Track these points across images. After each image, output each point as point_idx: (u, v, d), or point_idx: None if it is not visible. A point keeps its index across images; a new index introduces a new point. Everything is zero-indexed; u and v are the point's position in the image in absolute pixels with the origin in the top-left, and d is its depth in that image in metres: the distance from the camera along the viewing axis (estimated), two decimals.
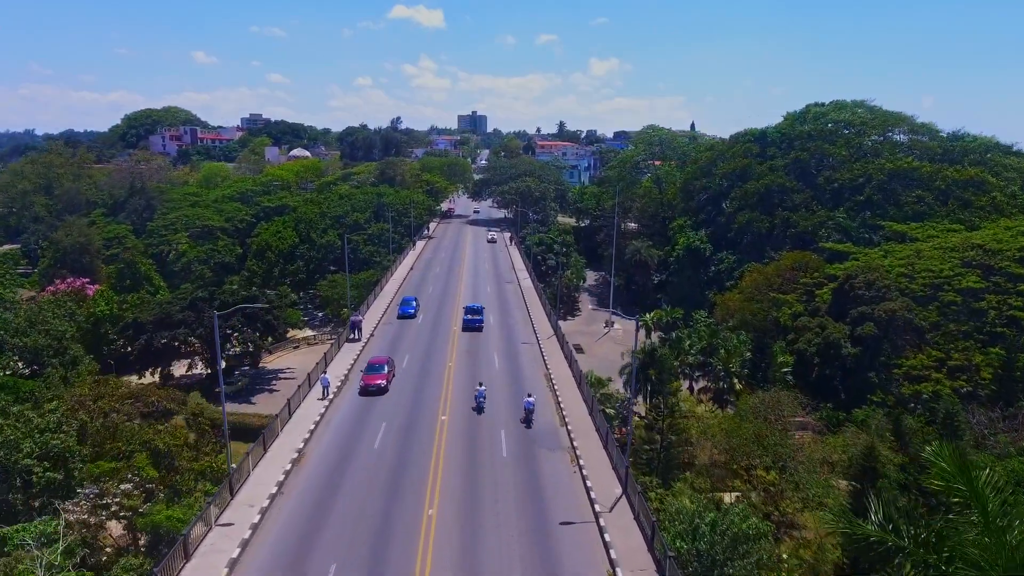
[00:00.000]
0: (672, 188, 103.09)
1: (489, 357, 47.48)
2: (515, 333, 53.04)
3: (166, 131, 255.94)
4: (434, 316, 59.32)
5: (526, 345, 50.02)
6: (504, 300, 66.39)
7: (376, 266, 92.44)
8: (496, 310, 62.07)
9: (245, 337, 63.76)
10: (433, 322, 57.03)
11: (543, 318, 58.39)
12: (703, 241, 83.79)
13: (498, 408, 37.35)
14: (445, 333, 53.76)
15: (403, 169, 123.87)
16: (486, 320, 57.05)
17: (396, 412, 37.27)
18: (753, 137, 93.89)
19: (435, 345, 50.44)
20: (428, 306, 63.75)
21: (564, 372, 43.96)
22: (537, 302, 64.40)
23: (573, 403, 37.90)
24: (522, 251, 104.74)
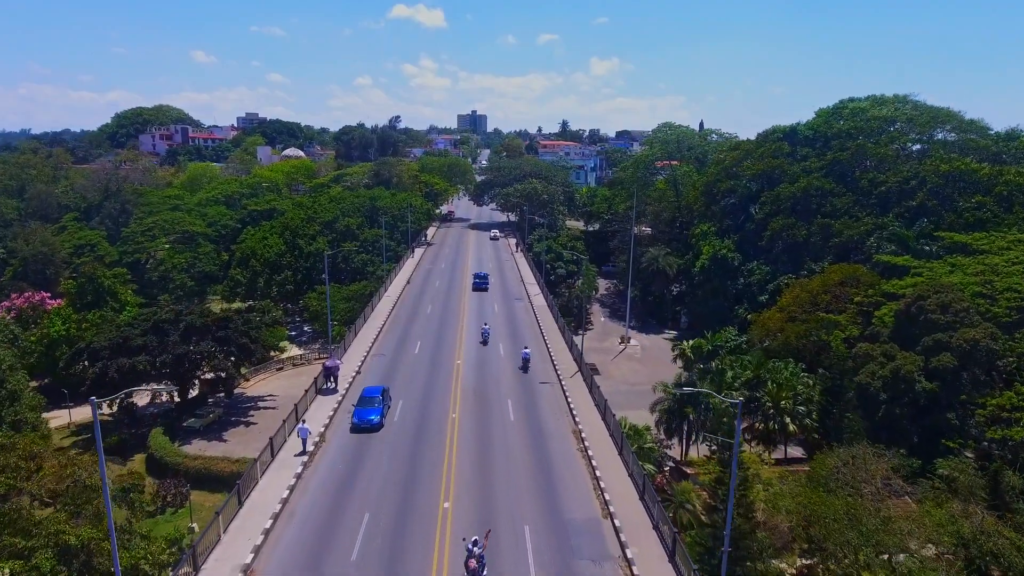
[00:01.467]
0: (692, 191, 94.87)
1: (502, 404, 38.60)
2: (530, 367, 44.54)
3: (156, 130, 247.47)
4: (433, 348, 50.58)
5: (546, 386, 41.69)
6: (515, 323, 57.76)
7: (370, 277, 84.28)
8: (506, 335, 53.59)
9: (217, 365, 55.48)
10: (432, 357, 48.34)
11: (563, 349, 50.06)
12: (730, 250, 75.60)
13: (518, 497, 28.01)
14: (447, 371, 45.05)
15: (400, 170, 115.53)
16: (496, 351, 48.86)
17: (383, 497, 28.35)
18: (782, 135, 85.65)
19: (435, 386, 41.89)
20: (427, 332, 55.12)
21: (597, 426, 35.20)
22: (554, 326, 55.96)
23: (615, 478, 29.07)
24: (529, 258, 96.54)
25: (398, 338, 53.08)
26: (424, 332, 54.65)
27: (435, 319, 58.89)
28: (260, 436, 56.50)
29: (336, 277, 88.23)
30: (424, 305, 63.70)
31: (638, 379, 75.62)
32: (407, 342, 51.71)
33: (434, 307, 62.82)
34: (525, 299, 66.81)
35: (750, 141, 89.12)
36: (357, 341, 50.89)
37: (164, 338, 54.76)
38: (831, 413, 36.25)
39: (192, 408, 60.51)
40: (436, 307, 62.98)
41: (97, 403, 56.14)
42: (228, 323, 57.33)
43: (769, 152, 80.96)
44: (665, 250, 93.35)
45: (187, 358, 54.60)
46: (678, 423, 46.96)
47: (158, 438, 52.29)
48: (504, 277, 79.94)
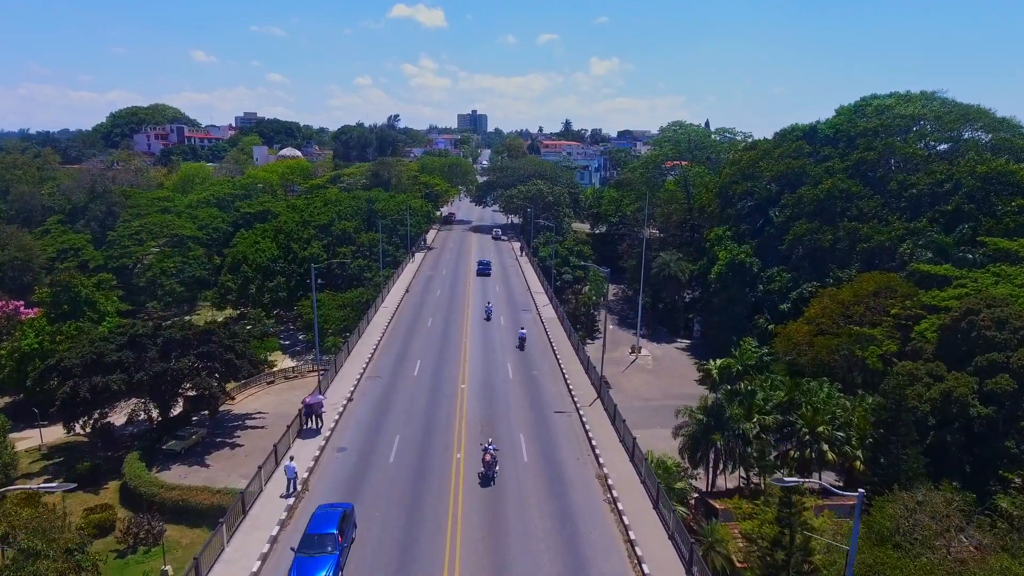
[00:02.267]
0: (705, 193, 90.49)
1: (513, 441, 33.58)
2: (544, 393, 39.58)
3: (151, 130, 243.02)
4: (434, 369, 45.70)
5: (562, 417, 36.80)
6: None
7: (367, 283, 79.87)
8: (514, 356, 48.97)
9: (199, 384, 50.97)
10: (433, 380, 43.62)
11: (578, 370, 45.26)
12: (749, 255, 71.15)
13: (536, 565, 23.42)
14: (449, 398, 39.96)
15: (399, 170, 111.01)
16: (504, 371, 44.47)
17: (376, 564, 23.80)
18: (801, 134, 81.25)
19: (436, 418, 37.20)
20: (427, 349, 50.47)
21: (624, 470, 30.14)
22: (566, 342, 51.34)
23: (652, 541, 24.17)
24: (534, 263, 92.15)
25: (395, 356, 48.75)
26: (424, 349, 50.07)
27: (436, 334, 54.34)
28: (246, 460, 52.05)
29: (331, 284, 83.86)
30: (424, 317, 59.12)
31: (652, 393, 71.23)
32: (405, 361, 47.32)
33: (435, 320, 58.23)
34: (533, 310, 62.27)
35: (767, 141, 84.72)
36: (350, 360, 46.26)
37: (141, 354, 50.30)
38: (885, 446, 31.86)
39: (175, 427, 56.00)
40: (437, 320, 58.39)
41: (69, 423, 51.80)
42: (211, 337, 52.86)
43: (789, 152, 76.53)
44: (677, 255, 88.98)
45: (166, 376, 50.12)
46: (704, 450, 42.53)
47: (133, 464, 47.78)
48: (509, 285, 75.40)
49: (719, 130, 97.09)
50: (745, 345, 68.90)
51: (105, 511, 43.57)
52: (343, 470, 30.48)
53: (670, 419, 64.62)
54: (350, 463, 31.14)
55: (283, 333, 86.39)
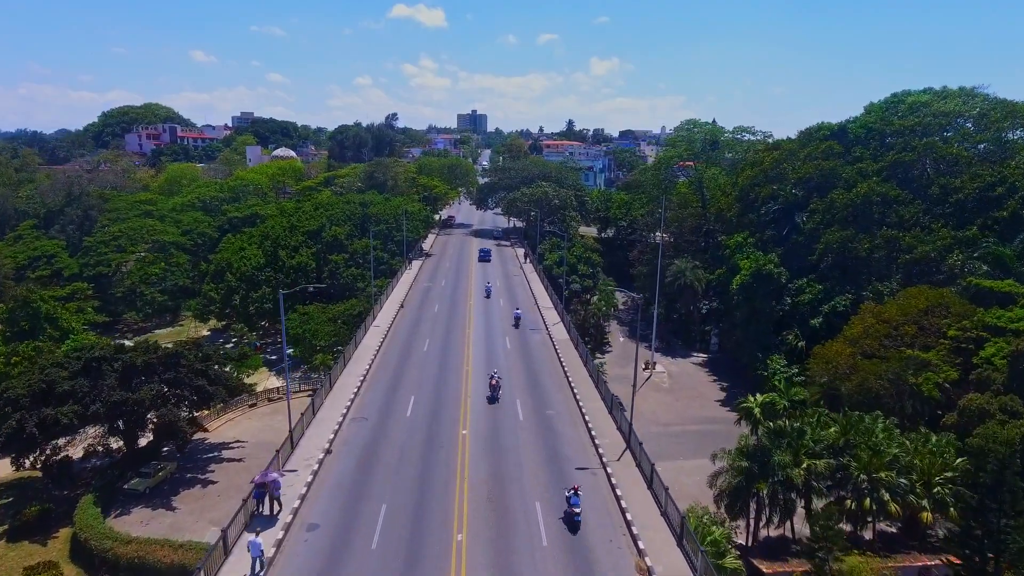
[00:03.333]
0: (722, 196, 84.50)
1: (528, 514, 26.80)
2: (562, 442, 32.92)
3: (143, 129, 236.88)
4: (431, 407, 39.06)
5: (585, 475, 30.13)
6: (532, 367, 46.68)
7: (360, 294, 73.88)
8: (524, 386, 42.60)
9: (165, 416, 44.90)
10: (430, 423, 36.94)
11: (600, 410, 38.53)
12: (776, 265, 65.13)
13: None
14: (449, 448, 33.34)
15: (396, 171, 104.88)
16: (512, 409, 38.46)
17: None
18: (829, 133, 75.27)
19: (432, 480, 30.44)
20: (423, 380, 43.98)
21: (672, 559, 23.86)
22: (582, 370, 45.00)
23: None
24: (539, 271, 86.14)
25: (386, 390, 42.22)
26: (419, 381, 43.59)
27: (433, 360, 47.92)
28: (218, 501, 46.00)
29: (321, 294, 77.84)
30: (420, 339, 52.75)
31: (670, 417, 65.20)
32: (397, 397, 40.86)
33: (432, 342, 51.81)
34: (542, 329, 56.02)
35: (792, 141, 78.70)
36: (333, 396, 39.87)
37: (98, 382, 44.24)
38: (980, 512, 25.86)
39: (141, 460, 49.94)
40: (435, 342, 51.96)
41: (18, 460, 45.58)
42: (179, 361, 46.78)
43: (817, 153, 70.51)
44: (692, 262, 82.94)
45: (126, 407, 44.08)
46: (745, 500, 36.56)
47: (86, 511, 41.63)
48: (515, 298, 69.19)
49: (736, 129, 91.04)
50: (773, 364, 63.13)
51: (48, 570, 37.53)
52: (312, 561, 24.06)
53: (693, 448, 58.67)
54: (322, 548, 24.62)
55: (270, 347, 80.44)
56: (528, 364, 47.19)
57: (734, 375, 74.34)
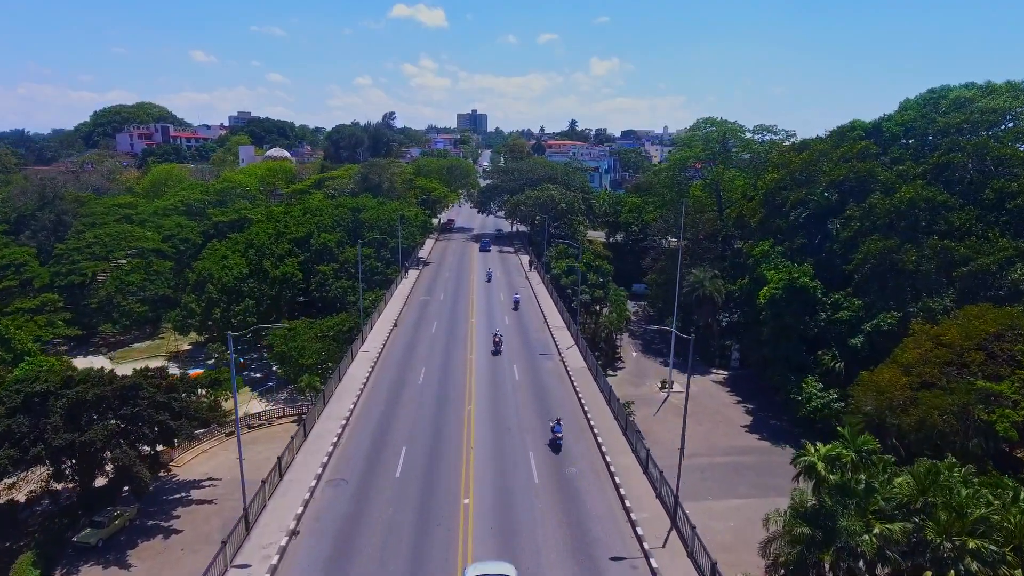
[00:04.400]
0: (744, 201, 78.37)
1: None
2: (587, 515, 26.56)
3: (135, 129, 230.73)
4: (426, 463, 32.54)
5: (621, 566, 23.53)
6: (546, 404, 40.20)
7: (351, 308, 67.72)
8: (538, 434, 35.61)
9: (120, 458, 38.71)
10: (424, 486, 30.31)
11: (632, 466, 31.92)
12: (810, 277, 58.94)
13: None
14: (449, 522, 26.85)
15: (392, 173, 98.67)
16: (527, 473, 31.46)
17: None
18: (864, 132, 69.13)
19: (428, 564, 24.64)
20: (416, 424, 37.40)
21: None
22: (606, 413, 38.00)
23: None
24: (546, 280, 80.00)
25: (372, 439, 35.52)
26: (413, 425, 37.20)
27: (430, 396, 41.29)
28: (182, 557, 39.70)
29: (309, 309, 71.78)
30: (415, 367, 46.13)
31: (694, 446, 58.41)
32: (385, 448, 34.15)
33: (429, 371, 45.28)
34: (553, 353, 49.61)
35: (822, 140, 72.47)
36: (307, 448, 33.35)
37: (40, 420, 38.05)
38: None
39: (101, 501, 43.79)
40: (432, 371, 45.40)
41: None
42: (138, 393, 40.56)
43: (851, 153, 64.31)
44: (711, 271, 76.78)
45: (72, 450, 37.95)
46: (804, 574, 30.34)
47: (24, 573, 35.49)
48: (521, 315, 62.87)
49: (756, 128, 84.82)
50: (807, 388, 57.03)
51: None
52: None
53: (722, 484, 52.27)
54: None
55: (254, 363, 74.30)
56: (541, 401, 40.72)
57: (759, 396, 68.20)
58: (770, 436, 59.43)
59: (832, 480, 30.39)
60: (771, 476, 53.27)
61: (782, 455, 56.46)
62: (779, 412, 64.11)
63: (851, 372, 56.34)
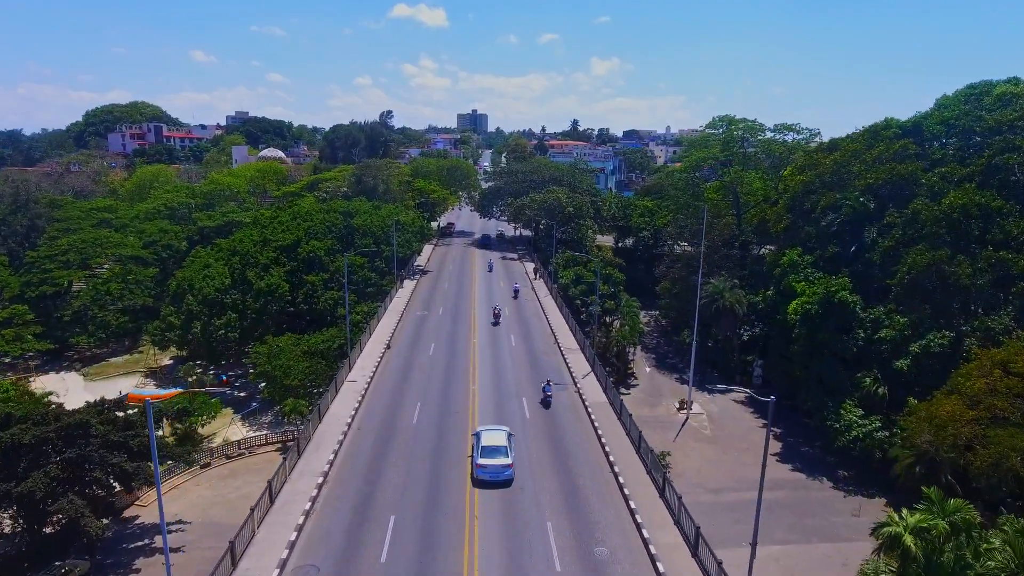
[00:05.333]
0: (769, 207, 72.86)
1: None
2: None
3: (127, 128, 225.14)
4: (419, 539, 26.25)
5: None
6: (560, 448, 33.88)
7: (342, 323, 62.19)
8: (556, 497, 29.59)
9: (65, 508, 33.13)
10: None
11: (675, 545, 25.83)
12: (848, 291, 53.34)
13: None
14: None
15: (388, 174, 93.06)
16: (546, 546, 25.53)
17: None
18: (901, 131, 63.59)
19: None
20: (408, 483, 31.02)
21: None
22: (629, 452, 31.92)
23: None
24: (553, 291, 74.48)
25: (354, 505, 28.99)
26: (404, 488, 30.63)
27: (425, 443, 34.94)
28: None
29: (297, 322, 66.22)
30: (408, 405, 39.86)
31: (720, 478, 53.09)
32: (369, 522, 27.47)
33: (425, 408, 39.08)
34: (568, 383, 43.57)
35: (853, 139, 66.89)
36: (273, 516, 27.27)
37: None
38: None
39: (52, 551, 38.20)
40: (429, 408, 39.21)
41: None
42: (88, 432, 34.95)
43: (890, 154, 58.77)
44: (731, 281, 71.28)
45: (10, 500, 32.37)
46: None
47: None
48: (528, 331, 57.14)
49: (778, 127, 79.22)
50: (847, 415, 51.43)
51: None
52: None
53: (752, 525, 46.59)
54: None
55: (239, 380, 68.67)
56: (558, 450, 34.61)
57: (786, 418, 62.57)
58: (803, 466, 53.82)
59: (920, 555, 24.76)
60: (809, 515, 47.71)
61: (819, 490, 50.90)
62: (810, 437, 58.58)
63: (895, 397, 50.90)
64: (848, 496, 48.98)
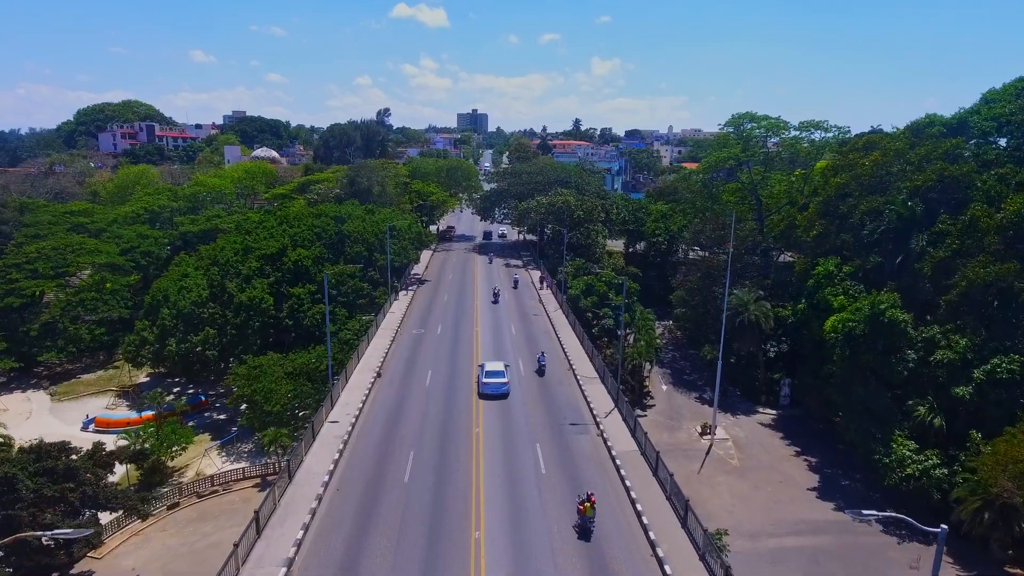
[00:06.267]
0: (798, 212, 67.11)
1: None
2: None
3: (118, 127, 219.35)
4: None
5: None
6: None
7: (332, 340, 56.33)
8: (575, 563, 24.03)
9: None
10: None
11: None
12: (898, 308, 47.40)
13: None
14: None
15: (384, 175, 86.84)
16: None
17: None
18: (946, 128, 57.77)
19: None
20: (404, 559, 24.44)
21: None
22: (671, 522, 26.07)
23: None
24: (562, 303, 68.63)
25: None
26: (392, 570, 23.83)
27: (418, 507, 27.91)
28: None
29: (281, 339, 60.40)
30: (400, 455, 32.64)
31: (754, 518, 46.94)
32: None
33: (419, 459, 32.15)
34: (589, 423, 36.45)
35: (892, 137, 61.03)
36: None
37: None
38: None
39: None
40: (423, 459, 32.21)
41: None
42: (14, 485, 29.07)
43: (938, 153, 52.91)
44: (755, 292, 65.53)
45: None
46: None
47: None
48: (537, 354, 50.71)
49: (802, 124, 73.36)
50: (899, 449, 45.50)
51: None
52: None
53: None
54: None
55: (219, 401, 62.76)
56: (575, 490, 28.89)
57: (820, 444, 56.83)
58: (847, 504, 47.81)
59: None
60: (862, 567, 41.79)
61: (869, 534, 44.84)
62: (848, 467, 52.68)
63: (952, 429, 45.07)
64: (902, 543, 43.02)
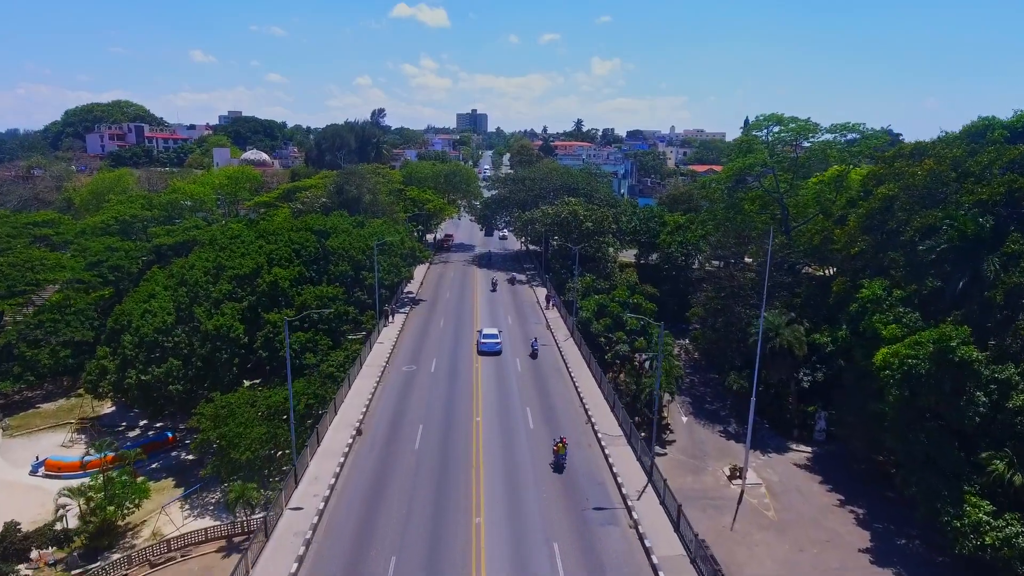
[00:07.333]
0: (834, 226, 60.45)
1: None
2: None
3: (106, 128, 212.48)
4: None
5: None
6: None
7: (312, 373, 49.53)
8: None
9: None
10: None
11: None
12: (968, 343, 40.64)
13: None
14: None
15: (375, 183, 79.64)
16: None
17: None
18: (1008, 134, 50.99)
19: None
20: None
21: None
22: None
23: None
24: (571, 326, 61.85)
25: None
26: None
27: None
28: None
29: (257, 371, 53.66)
30: (379, 557, 25.39)
31: None
32: None
33: (404, 563, 25.09)
34: (618, 506, 27.76)
35: (947, 143, 54.28)
36: None
37: None
38: None
39: None
40: (410, 565, 25.17)
41: None
42: None
43: (1004, 162, 46.18)
44: (787, 315, 59.02)
45: None
46: None
47: None
48: (551, 405, 43.69)
49: (834, 127, 66.61)
50: (972, 513, 38.75)
51: None
52: None
53: None
54: None
55: (188, 438, 55.98)
56: None
57: (865, 490, 50.04)
58: (906, 570, 41.15)
59: None
60: None
61: None
62: (901, 522, 45.87)
63: None
64: None
